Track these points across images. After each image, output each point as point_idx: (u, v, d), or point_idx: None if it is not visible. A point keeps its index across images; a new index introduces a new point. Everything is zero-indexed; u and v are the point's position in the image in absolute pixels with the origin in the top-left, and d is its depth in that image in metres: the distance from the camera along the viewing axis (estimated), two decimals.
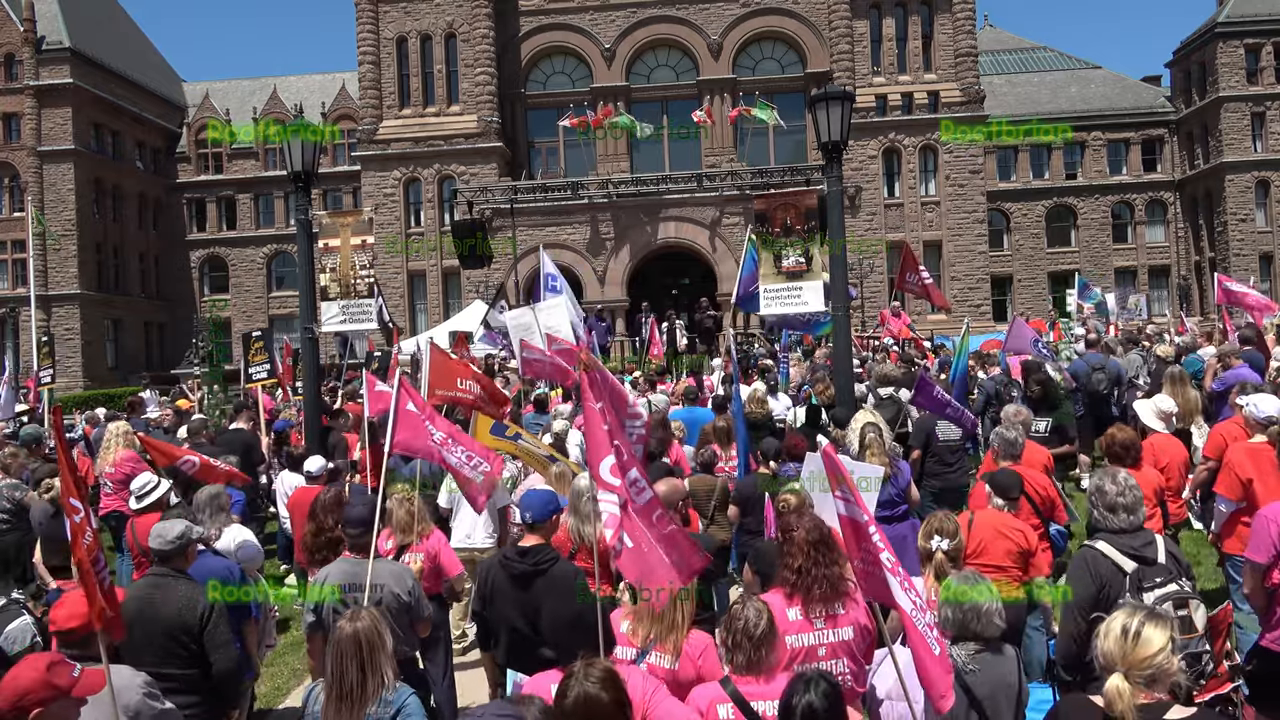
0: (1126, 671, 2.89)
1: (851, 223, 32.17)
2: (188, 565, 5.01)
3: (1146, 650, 2.89)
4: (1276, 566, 4.57)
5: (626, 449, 3.92)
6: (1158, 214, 49.01)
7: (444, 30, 38.22)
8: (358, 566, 5.08)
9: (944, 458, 8.76)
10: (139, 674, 3.89)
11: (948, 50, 37.61)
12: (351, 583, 5.01)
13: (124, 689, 3.76)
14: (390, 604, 4.94)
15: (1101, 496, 4.43)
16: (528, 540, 4.79)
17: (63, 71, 44.18)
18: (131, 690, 3.79)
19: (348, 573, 5.07)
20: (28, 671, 3.21)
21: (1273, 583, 4.60)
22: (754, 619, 3.60)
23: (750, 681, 3.55)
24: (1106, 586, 4.20)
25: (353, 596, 4.95)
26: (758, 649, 3.57)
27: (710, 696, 3.59)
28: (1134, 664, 2.89)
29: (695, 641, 4.06)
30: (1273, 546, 4.55)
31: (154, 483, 6.24)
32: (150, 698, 3.84)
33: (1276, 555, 4.55)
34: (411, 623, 5.09)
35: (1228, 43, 45.26)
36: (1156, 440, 7.10)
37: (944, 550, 4.57)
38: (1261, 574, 4.64)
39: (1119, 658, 2.92)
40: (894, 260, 30.01)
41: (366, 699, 3.51)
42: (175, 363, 45.02)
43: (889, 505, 6.77)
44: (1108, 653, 2.96)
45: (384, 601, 4.94)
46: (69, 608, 3.87)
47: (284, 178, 25.34)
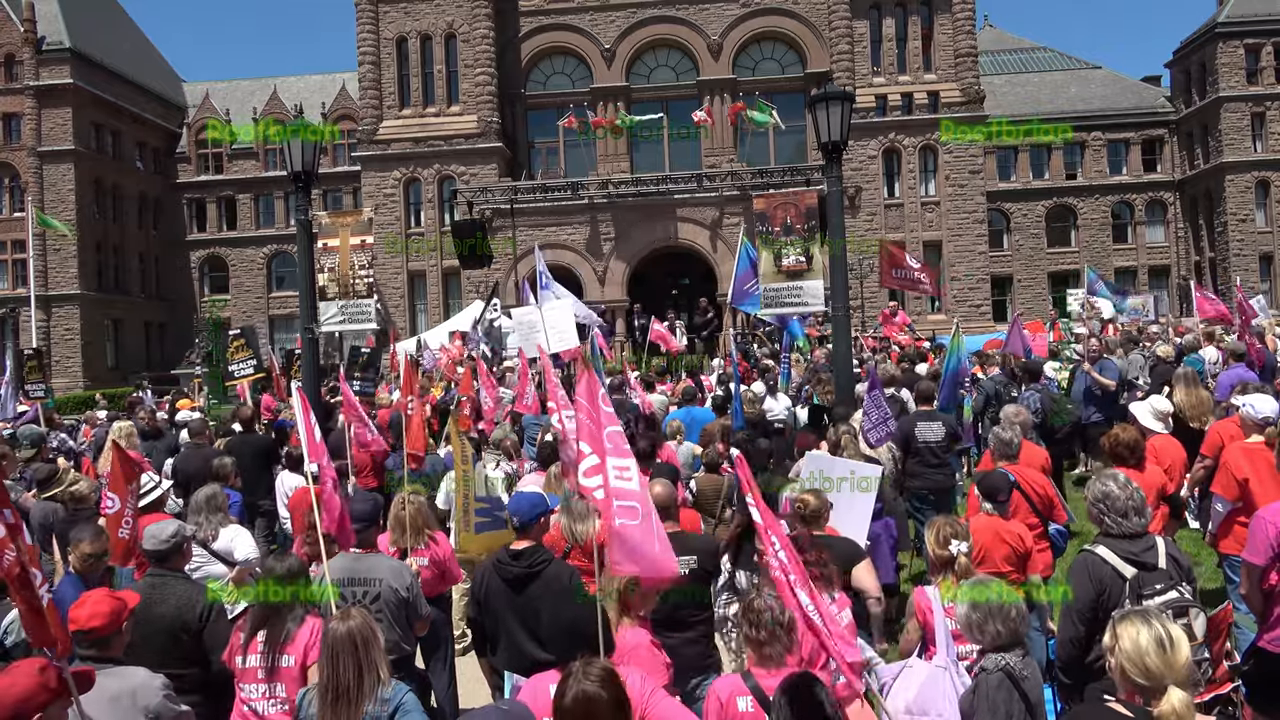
0: (1177, 681, 2.80)
1: (851, 223, 32.14)
2: (184, 564, 5.01)
3: (1184, 653, 2.84)
4: (1274, 568, 4.56)
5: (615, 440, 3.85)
6: (1158, 214, 49.01)
7: (444, 30, 38.22)
8: (358, 562, 5.08)
9: (926, 458, 8.72)
10: (157, 675, 3.90)
11: (948, 50, 37.60)
12: (351, 577, 5.01)
13: (143, 690, 3.78)
14: (388, 599, 4.94)
15: (1110, 502, 4.36)
16: (519, 543, 4.78)
17: (63, 71, 44.18)
18: (151, 691, 3.80)
19: (347, 568, 5.06)
20: (22, 679, 3.17)
21: (1270, 584, 4.59)
22: (779, 608, 3.59)
23: (766, 675, 3.56)
24: (1106, 592, 4.17)
25: (351, 591, 4.95)
26: (790, 633, 3.60)
27: (730, 689, 3.60)
28: (1177, 671, 2.83)
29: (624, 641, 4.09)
30: (1270, 548, 4.53)
31: (153, 483, 6.24)
32: (169, 699, 3.85)
33: (1274, 557, 4.53)
34: (409, 619, 5.08)
35: (1228, 43, 45.25)
36: (1157, 441, 7.09)
37: (964, 553, 4.58)
38: (1259, 576, 4.63)
39: (1166, 670, 2.83)
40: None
41: (363, 697, 3.50)
42: (175, 363, 45.03)
43: None
44: (1152, 670, 2.85)
45: (382, 596, 4.94)
46: (90, 607, 3.87)
47: (284, 178, 25.29)
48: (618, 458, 3.77)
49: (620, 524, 3.66)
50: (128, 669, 3.87)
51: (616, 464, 3.76)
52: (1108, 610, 4.10)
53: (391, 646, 4.87)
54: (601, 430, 3.85)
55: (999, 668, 3.68)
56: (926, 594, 4.59)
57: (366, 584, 4.98)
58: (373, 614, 4.70)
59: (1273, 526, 4.55)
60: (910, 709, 4.21)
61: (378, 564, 5.11)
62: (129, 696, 3.63)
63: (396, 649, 4.92)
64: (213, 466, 7.83)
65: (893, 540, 7.25)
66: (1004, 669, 3.67)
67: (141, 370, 43.04)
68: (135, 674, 3.83)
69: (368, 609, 4.71)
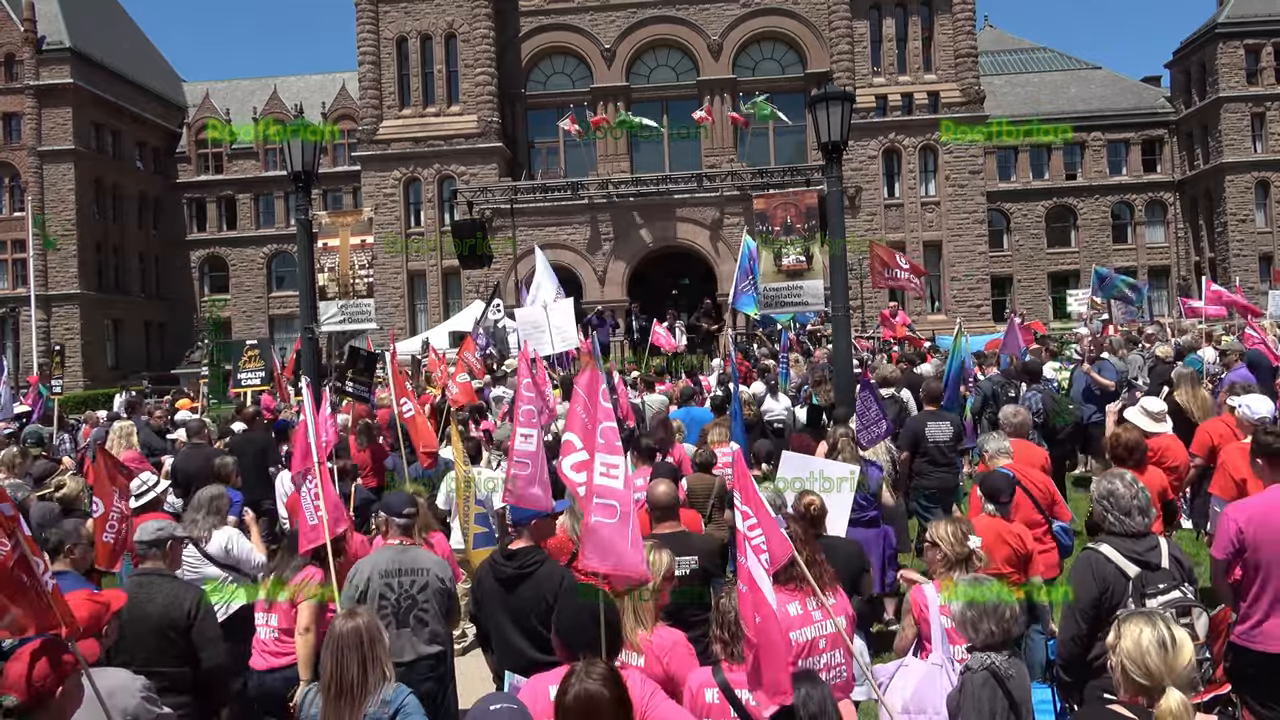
0: (1176, 683, 2.81)
1: (851, 223, 32.15)
2: (173, 564, 5.00)
3: (1185, 655, 2.85)
4: (1236, 563, 4.61)
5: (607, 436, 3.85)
6: (1158, 214, 49.02)
7: (444, 30, 38.23)
8: (403, 554, 5.10)
9: (935, 458, 8.71)
10: (137, 677, 3.88)
11: (948, 50, 37.61)
12: (399, 568, 5.02)
13: (121, 691, 3.73)
14: (436, 589, 5.00)
15: (1115, 500, 4.37)
16: (516, 543, 4.80)
17: (63, 71, 44.17)
18: (129, 694, 3.76)
19: (393, 559, 5.07)
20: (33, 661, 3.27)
21: (1234, 579, 4.64)
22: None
23: (739, 670, 3.59)
24: (1109, 591, 4.17)
25: (399, 581, 4.96)
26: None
27: (700, 681, 3.69)
28: (1177, 672, 2.83)
29: (662, 640, 4.07)
30: (1230, 544, 4.58)
31: (151, 482, 6.23)
32: (149, 701, 3.82)
33: (1234, 553, 4.59)
34: (448, 614, 5.16)
35: (1228, 43, 45.26)
36: (1160, 442, 7.08)
37: (976, 549, 4.59)
38: (1222, 570, 4.68)
39: (1166, 671, 2.84)
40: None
41: (366, 694, 3.50)
42: (175, 363, 45.06)
43: (856, 509, 6.62)
44: (1152, 670, 2.86)
45: (429, 586, 4.99)
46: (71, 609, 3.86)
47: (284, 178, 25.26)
48: (607, 454, 3.77)
49: (595, 521, 3.68)
50: (107, 670, 3.84)
51: (605, 460, 3.76)
52: (1110, 609, 4.11)
53: (435, 638, 5.02)
54: (595, 425, 3.85)
55: (984, 667, 3.70)
56: (923, 592, 4.59)
57: (414, 574, 5.02)
58: (420, 604, 4.91)
59: (1233, 523, 4.61)
60: (908, 707, 4.22)
61: (422, 556, 5.19)
62: (106, 698, 3.62)
63: (440, 640, 5.06)
64: (214, 466, 7.81)
65: (892, 550, 7.21)
66: (989, 668, 3.69)
67: (141, 370, 43.06)
68: (115, 675, 3.80)
69: (415, 599, 4.86)
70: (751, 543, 3.46)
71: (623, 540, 3.67)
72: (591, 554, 3.69)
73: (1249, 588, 4.57)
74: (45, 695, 3.26)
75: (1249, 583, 4.57)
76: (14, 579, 3.31)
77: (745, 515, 3.51)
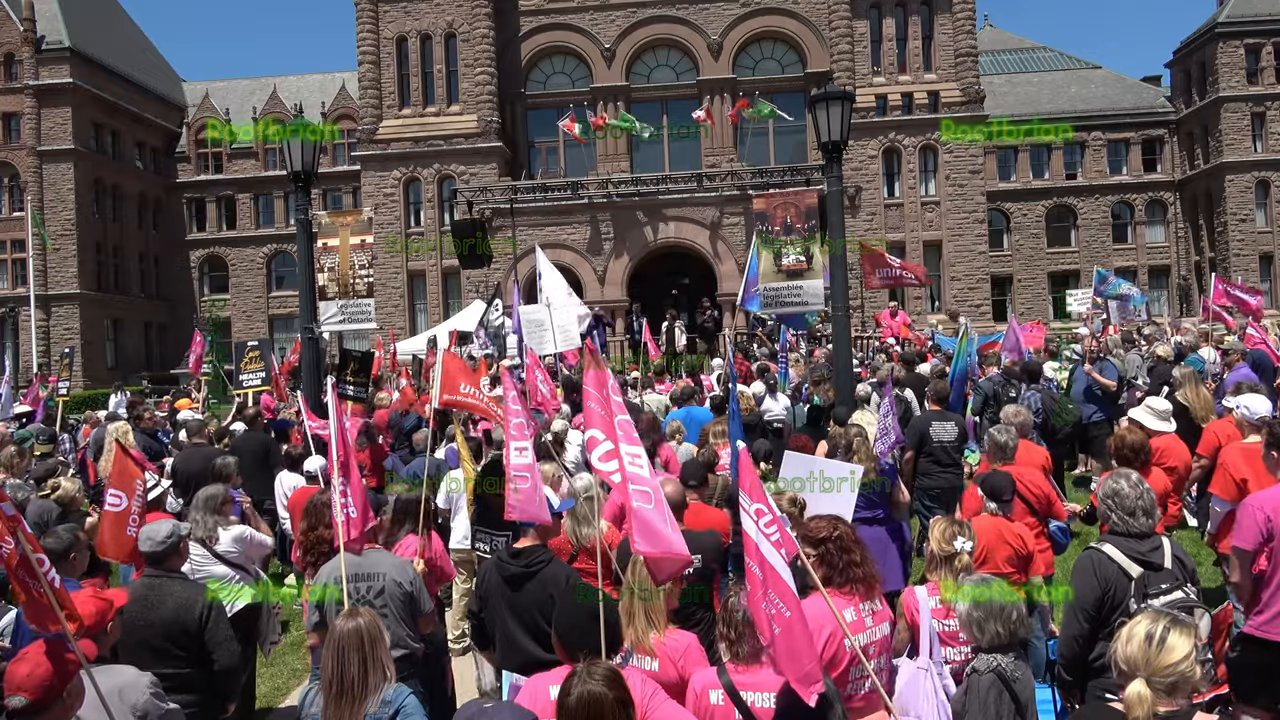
0: (1148, 678, 2.84)
1: (851, 223, 32.14)
2: (182, 564, 4.99)
3: (1170, 657, 2.85)
4: (1263, 552, 4.61)
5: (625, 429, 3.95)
6: (1158, 214, 49.02)
7: (444, 30, 38.21)
8: (363, 558, 5.08)
9: (939, 457, 8.72)
10: (145, 674, 3.90)
11: (948, 50, 37.60)
12: (356, 573, 5.00)
13: (130, 688, 3.76)
14: (393, 593, 4.95)
15: (1120, 500, 4.36)
16: (522, 542, 4.81)
17: (63, 71, 44.16)
18: (138, 690, 3.79)
19: (353, 563, 5.06)
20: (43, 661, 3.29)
21: (1259, 569, 4.64)
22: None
23: (744, 671, 3.58)
24: (1111, 591, 4.17)
25: (355, 587, 4.94)
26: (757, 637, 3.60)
27: (705, 682, 3.67)
28: (1156, 670, 2.85)
29: (676, 642, 4.06)
30: (1259, 533, 4.59)
31: (152, 482, 6.22)
32: (157, 698, 3.85)
33: (1263, 541, 4.59)
34: (413, 616, 5.09)
35: (1228, 43, 45.26)
36: (1161, 441, 7.08)
37: (967, 551, 4.58)
38: (1249, 561, 4.67)
39: (1141, 663, 2.88)
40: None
41: (367, 694, 3.51)
42: (175, 363, 45.00)
43: (866, 508, 6.63)
44: (1130, 658, 2.91)
45: (386, 590, 4.94)
46: (76, 606, 3.86)
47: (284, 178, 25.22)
48: (629, 445, 3.89)
49: (638, 506, 3.75)
50: (115, 667, 3.87)
51: (629, 450, 3.87)
52: (1112, 608, 4.11)
53: (397, 641, 4.91)
54: (613, 418, 3.96)
55: (991, 669, 3.69)
56: (916, 594, 4.60)
57: (370, 579, 4.98)
58: (378, 609, 4.72)
59: (1260, 512, 4.62)
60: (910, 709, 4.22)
61: (382, 559, 5.13)
62: (115, 695, 3.63)
63: (402, 644, 4.95)
64: (214, 466, 7.81)
65: (910, 546, 7.24)
66: (995, 670, 3.68)
67: (141, 370, 43.07)
68: (123, 672, 3.84)
69: (372, 604, 4.74)
70: (770, 539, 3.44)
71: (662, 523, 3.76)
72: (640, 538, 3.76)
73: (1272, 577, 4.58)
74: (52, 695, 3.28)
75: (1272, 572, 4.58)
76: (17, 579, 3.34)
77: (760, 514, 3.49)
